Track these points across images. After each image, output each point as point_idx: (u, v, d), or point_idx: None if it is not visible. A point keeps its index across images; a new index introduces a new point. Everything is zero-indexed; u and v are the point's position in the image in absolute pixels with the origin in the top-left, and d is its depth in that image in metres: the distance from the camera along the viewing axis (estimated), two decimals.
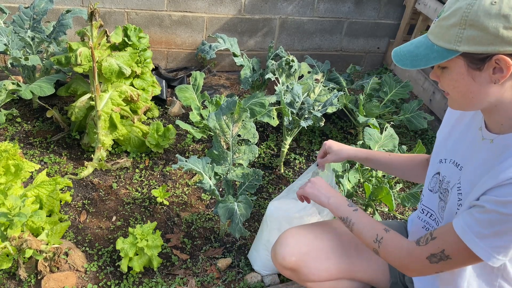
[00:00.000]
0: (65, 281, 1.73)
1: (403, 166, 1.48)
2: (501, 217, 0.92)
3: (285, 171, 2.58)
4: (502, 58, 0.88)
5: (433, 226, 1.23)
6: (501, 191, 0.93)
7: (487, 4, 0.87)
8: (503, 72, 0.90)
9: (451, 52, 0.93)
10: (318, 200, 1.31)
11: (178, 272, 1.88)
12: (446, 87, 1.03)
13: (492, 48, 0.88)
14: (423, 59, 0.97)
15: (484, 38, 0.88)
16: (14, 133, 2.55)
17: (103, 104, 2.29)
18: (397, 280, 1.39)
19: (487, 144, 1.05)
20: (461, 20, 0.90)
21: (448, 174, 1.16)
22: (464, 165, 1.11)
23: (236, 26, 3.36)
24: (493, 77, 0.92)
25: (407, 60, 1.00)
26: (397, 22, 3.66)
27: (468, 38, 0.89)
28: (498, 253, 0.96)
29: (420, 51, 0.98)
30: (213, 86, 3.37)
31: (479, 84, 0.94)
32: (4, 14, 2.65)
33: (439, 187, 1.20)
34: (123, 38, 2.50)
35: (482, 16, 0.87)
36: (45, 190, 1.87)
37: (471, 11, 0.88)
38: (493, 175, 0.96)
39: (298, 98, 2.37)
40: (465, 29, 0.89)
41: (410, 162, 1.48)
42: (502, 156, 0.98)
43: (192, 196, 2.32)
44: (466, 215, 1.00)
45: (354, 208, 1.25)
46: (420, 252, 1.08)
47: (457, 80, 0.97)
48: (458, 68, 0.95)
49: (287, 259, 1.32)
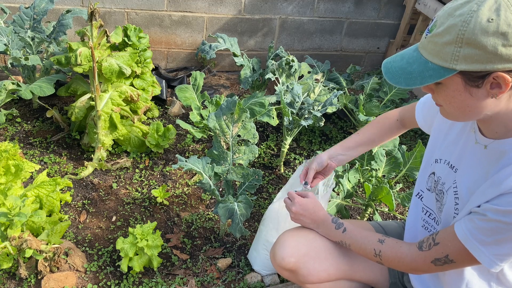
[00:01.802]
0: (65, 281, 1.73)
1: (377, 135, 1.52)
2: (503, 226, 0.93)
3: (285, 171, 2.58)
4: (500, 75, 0.86)
5: (433, 225, 1.23)
6: (503, 201, 0.93)
7: (484, 22, 0.84)
8: (501, 88, 0.88)
9: (448, 70, 0.89)
10: (307, 226, 1.38)
11: (178, 272, 1.88)
12: (441, 102, 1.00)
13: (490, 66, 0.85)
14: (418, 78, 0.92)
15: (483, 57, 0.85)
16: (14, 133, 2.56)
17: (103, 104, 2.29)
18: (396, 280, 1.40)
19: (481, 149, 1.04)
20: (457, 38, 0.86)
21: (443, 175, 1.17)
22: (459, 167, 1.11)
23: (236, 26, 3.36)
24: (491, 92, 0.90)
25: (400, 78, 0.95)
26: (397, 22, 3.66)
27: (466, 57, 0.86)
28: (501, 261, 0.98)
29: (413, 68, 0.93)
30: (213, 86, 3.37)
31: (476, 99, 0.92)
32: (5, 14, 2.65)
33: (434, 187, 1.20)
34: (123, 38, 2.50)
35: (479, 35, 0.84)
36: (45, 190, 1.87)
37: (467, 29, 0.85)
38: (493, 184, 0.96)
39: (298, 98, 2.37)
40: (462, 48, 0.86)
41: (380, 129, 1.51)
42: (500, 163, 0.98)
43: (192, 196, 2.32)
44: (468, 222, 1.00)
45: (342, 229, 1.30)
46: (424, 257, 1.11)
47: (453, 96, 0.94)
48: (455, 85, 0.92)
49: (286, 260, 1.33)
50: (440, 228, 1.17)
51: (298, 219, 1.38)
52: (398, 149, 2.24)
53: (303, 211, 1.36)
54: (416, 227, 1.31)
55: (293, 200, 1.38)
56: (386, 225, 1.50)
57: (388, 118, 1.51)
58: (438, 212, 1.20)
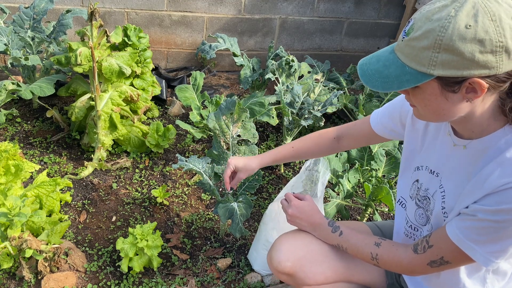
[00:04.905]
0: (65, 281, 1.73)
1: (311, 151, 1.54)
2: (494, 224, 0.94)
3: (285, 171, 2.58)
4: (477, 81, 0.86)
5: (416, 234, 1.24)
6: (490, 200, 0.94)
7: (462, 28, 0.83)
8: (477, 93, 0.88)
9: (425, 75, 0.88)
10: (303, 229, 1.38)
11: (178, 272, 1.88)
12: (416, 104, 0.99)
13: (467, 72, 0.85)
14: (395, 82, 0.91)
15: (460, 63, 0.84)
16: (14, 133, 2.56)
17: (103, 104, 2.29)
18: (393, 281, 1.40)
19: (460, 150, 1.05)
20: (434, 43, 0.85)
21: (425, 182, 1.17)
22: (440, 171, 1.12)
23: (236, 26, 3.36)
24: (466, 96, 0.90)
25: (376, 81, 0.94)
26: (397, 22, 3.66)
27: (443, 62, 0.85)
28: (497, 258, 0.98)
29: (390, 72, 0.92)
30: (213, 86, 3.37)
31: (451, 103, 0.92)
32: (4, 14, 2.65)
33: (416, 194, 1.21)
34: (123, 38, 2.50)
35: (457, 41, 0.83)
36: (45, 190, 1.87)
37: (445, 34, 0.84)
38: (477, 183, 0.97)
39: (298, 98, 2.37)
40: (440, 53, 0.85)
41: (315, 146, 1.53)
42: (480, 162, 0.98)
43: (192, 196, 2.32)
44: (459, 223, 1.01)
45: (339, 232, 1.29)
46: (420, 259, 1.12)
47: (429, 99, 0.94)
48: (431, 89, 0.92)
49: (282, 264, 1.32)
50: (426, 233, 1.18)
51: (294, 221, 1.38)
52: (398, 149, 2.24)
53: (300, 213, 1.36)
54: (400, 234, 1.32)
55: (290, 202, 1.38)
56: (383, 225, 1.50)
57: (324, 136, 1.52)
58: (417, 218, 1.21)
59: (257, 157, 1.57)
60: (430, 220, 1.16)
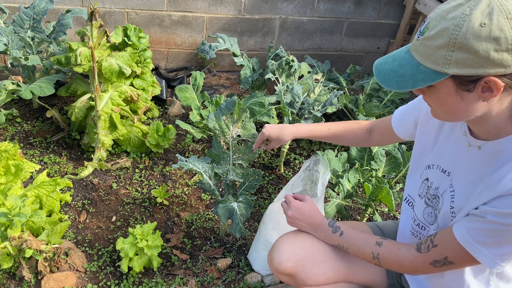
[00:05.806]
0: (65, 281, 1.73)
1: (346, 137, 1.56)
2: (503, 227, 0.93)
3: (285, 171, 2.58)
4: (492, 80, 0.85)
5: (422, 233, 1.24)
6: (501, 203, 0.93)
7: (476, 26, 0.83)
8: (493, 92, 0.88)
9: (440, 74, 0.88)
10: (304, 230, 1.38)
11: (178, 272, 1.88)
12: (432, 104, 1.00)
13: (482, 71, 0.84)
14: (410, 81, 0.92)
15: (475, 61, 0.84)
16: (14, 133, 2.56)
17: (103, 104, 2.29)
18: (394, 281, 1.40)
19: (475, 151, 1.04)
20: (449, 42, 0.85)
21: (436, 180, 1.16)
22: (452, 171, 1.11)
23: (236, 26, 3.36)
24: (482, 95, 0.89)
25: (392, 80, 0.95)
26: (397, 22, 3.66)
27: (458, 61, 0.85)
28: (502, 261, 0.98)
29: (405, 71, 0.93)
30: (213, 86, 3.37)
31: (467, 102, 0.92)
32: (4, 14, 2.65)
33: (426, 193, 1.20)
34: (123, 38, 2.50)
35: (471, 39, 0.83)
36: (45, 190, 1.87)
37: (459, 33, 0.84)
38: (489, 185, 0.96)
39: (298, 98, 2.37)
40: (454, 52, 0.85)
41: (351, 133, 1.55)
42: (495, 164, 0.98)
43: (192, 196, 2.32)
44: (467, 224, 1.00)
45: (339, 233, 1.29)
46: (423, 259, 1.11)
47: (444, 99, 0.94)
48: (446, 88, 0.92)
49: (283, 265, 1.32)
50: (433, 232, 1.17)
51: (294, 223, 1.38)
52: (398, 149, 2.24)
53: (299, 215, 1.35)
54: (405, 233, 1.31)
55: (289, 203, 1.38)
56: (384, 225, 1.50)
57: (361, 124, 1.54)
58: (426, 217, 1.20)
59: (292, 127, 1.55)
60: (438, 219, 1.16)
